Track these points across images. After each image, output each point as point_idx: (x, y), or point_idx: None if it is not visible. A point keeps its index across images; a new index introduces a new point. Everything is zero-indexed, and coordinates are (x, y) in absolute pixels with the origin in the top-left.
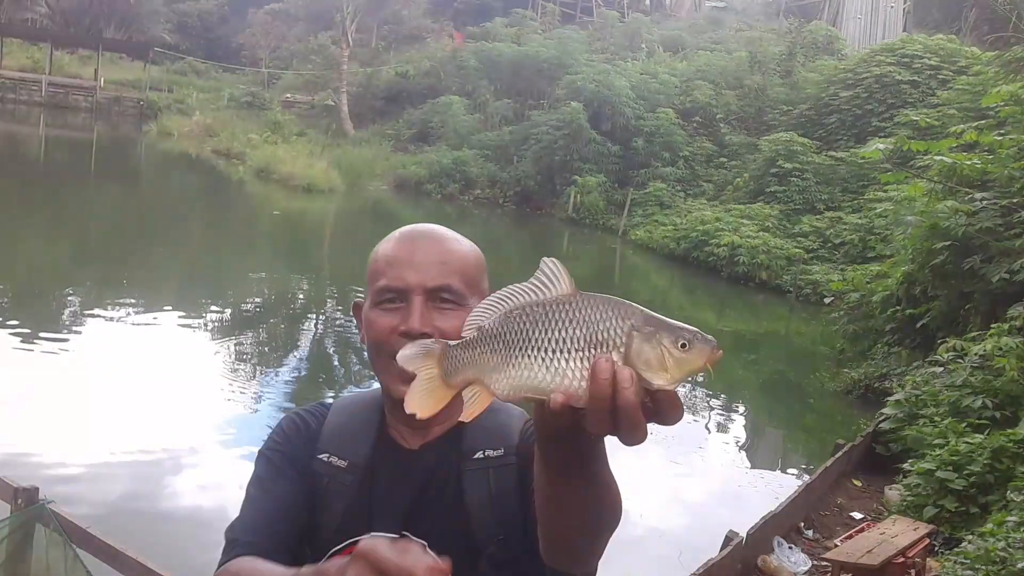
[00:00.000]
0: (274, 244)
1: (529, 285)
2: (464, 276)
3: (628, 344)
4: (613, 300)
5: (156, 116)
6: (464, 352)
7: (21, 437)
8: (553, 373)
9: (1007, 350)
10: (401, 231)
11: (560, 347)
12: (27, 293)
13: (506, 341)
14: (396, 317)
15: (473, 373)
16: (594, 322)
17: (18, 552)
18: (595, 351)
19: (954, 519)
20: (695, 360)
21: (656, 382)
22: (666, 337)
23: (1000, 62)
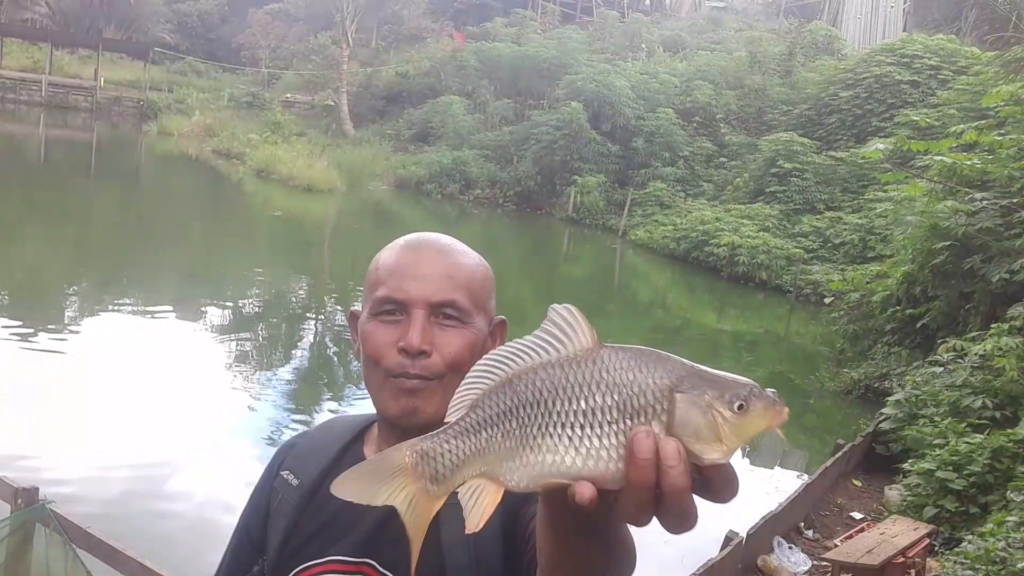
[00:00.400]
0: (274, 244)
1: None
2: (471, 292)
3: (671, 410)
4: (646, 352)
5: (156, 116)
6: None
7: (21, 437)
8: (583, 455)
9: (1007, 350)
10: (406, 239)
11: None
12: (27, 293)
13: (520, 418)
14: (395, 331)
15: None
16: (627, 384)
17: (18, 552)
18: (631, 422)
19: (954, 519)
20: (755, 423)
21: (708, 456)
22: (717, 397)
23: (1000, 62)
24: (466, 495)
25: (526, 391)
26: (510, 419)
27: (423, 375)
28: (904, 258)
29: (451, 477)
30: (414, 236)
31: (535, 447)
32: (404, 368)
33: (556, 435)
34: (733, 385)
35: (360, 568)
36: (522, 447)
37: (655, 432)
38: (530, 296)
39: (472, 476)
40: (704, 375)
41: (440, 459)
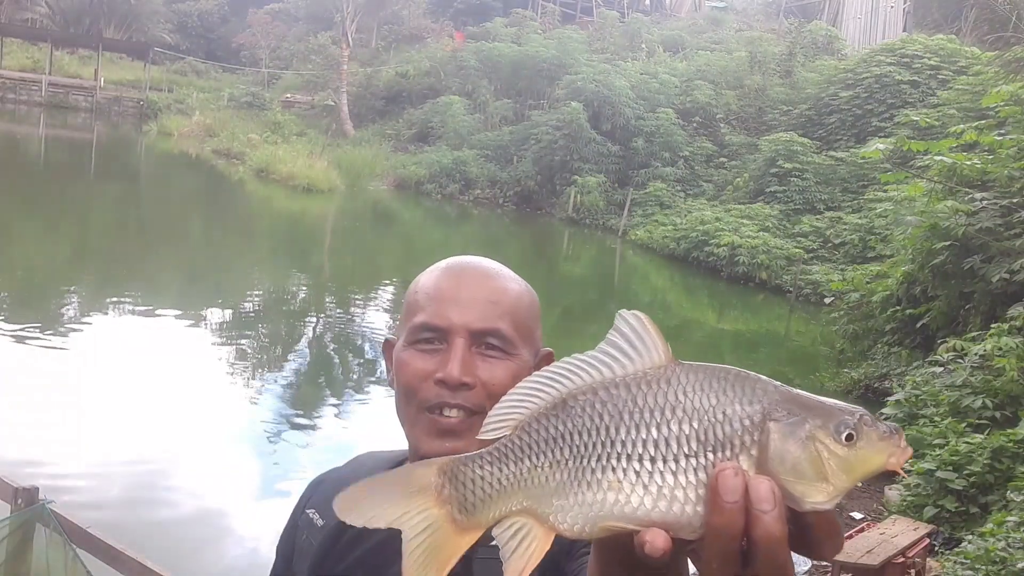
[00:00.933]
0: (274, 244)
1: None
2: (516, 321)
3: (763, 442)
4: (731, 373)
5: (156, 116)
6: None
7: (21, 437)
8: (654, 495)
9: (1007, 350)
10: (448, 262)
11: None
12: (27, 293)
13: (575, 446)
14: (433, 361)
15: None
16: (709, 409)
17: (18, 552)
18: (714, 456)
19: (954, 519)
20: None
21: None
22: (820, 426)
23: (1000, 62)
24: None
25: (584, 415)
26: (562, 447)
27: (463, 405)
28: (904, 258)
29: (483, 508)
30: (455, 259)
31: (593, 483)
32: (442, 400)
33: (620, 469)
34: (839, 412)
35: None
36: (577, 482)
37: (744, 469)
38: None
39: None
40: (803, 400)
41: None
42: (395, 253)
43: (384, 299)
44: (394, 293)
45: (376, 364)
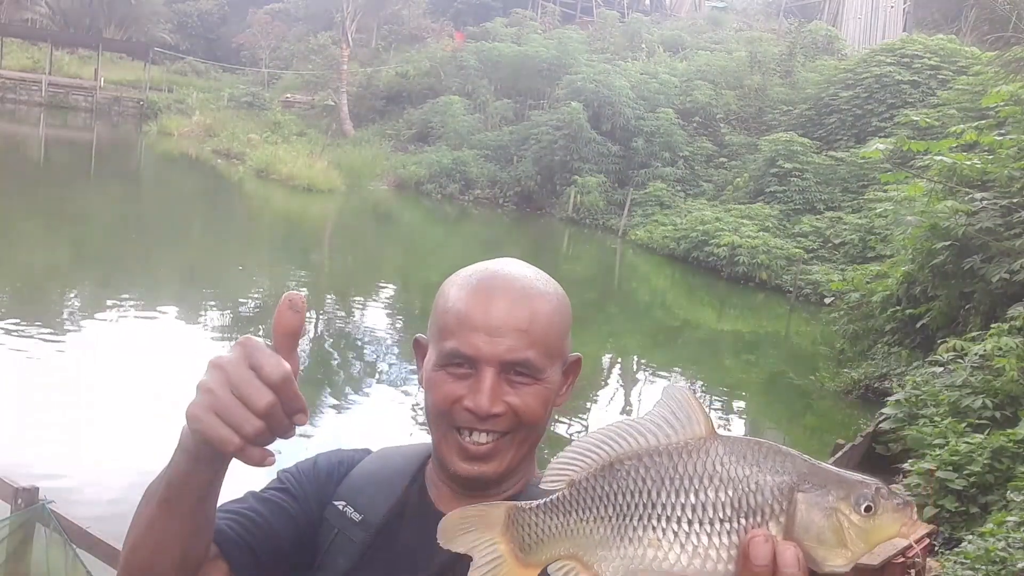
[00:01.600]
0: (274, 244)
1: (648, 423)
2: (546, 345)
3: (791, 511)
4: (765, 446)
5: (156, 116)
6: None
7: (21, 437)
8: (690, 554)
9: (1007, 350)
10: (479, 278)
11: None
12: (27, 293)
13: (619, 505)
14: (462, 386)
15: (567, 548)
16: (743, 479)
17: (18, 552)
18: (746, 521)
19: (954, 519)
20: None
21: (830, 563)
22: (843, 498)
23: (1000, 62)
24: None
25: (628, 477)
26: (607, 505)
27: (493, 429)
28: (904, 258)
29: (537, 550)
30: (486, 273)
31: (635, 539)
32: (472, 425)
33: (660, 529)
34: (859, 485)
35: None
36: (619, 537)
37: (773, 535)
38: None
39: (562, 556)
40: (827, 474)
41: (529, 528)
42: (395, 253)
43: (384, 299)
44: (394, 293)
45: (376, 364)
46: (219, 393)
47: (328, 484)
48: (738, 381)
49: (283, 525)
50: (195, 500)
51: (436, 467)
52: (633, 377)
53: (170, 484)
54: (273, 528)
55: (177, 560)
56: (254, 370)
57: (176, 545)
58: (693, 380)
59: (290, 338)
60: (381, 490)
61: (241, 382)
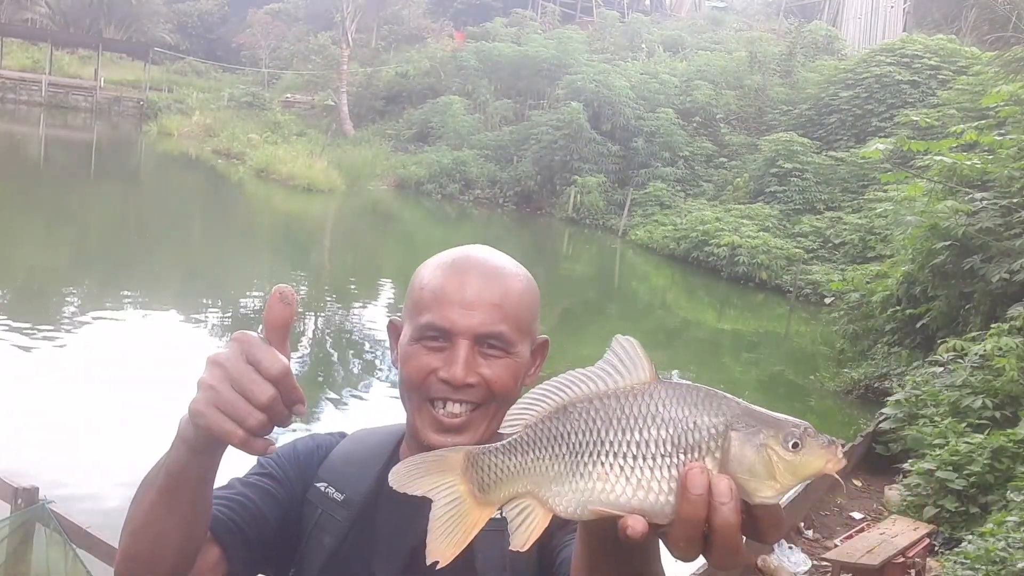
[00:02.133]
0: (274, 244)
1: (597, 371)
2: (517, 321)
3: (725, 447)
4: (703, 390)
5: (156, 116)
6: (511, 458)
7: (21, 437)
8: (634, 486)
9: (1007, 350)
10: (452, 257)
11: (642, 452)
12: (27, 293)
13: (571, 443)
14: (437, 359)
15: (524, 485)
16: (682, 419)
17: (18, 552)
18: (685, 456)
19: (954, 519)
20: (810, 463)
21: (761, 494)
22: (772, 436)
23: (1000, 62)
24: (513, 513)
25: (580, 418)
26: (561, 444)
27: (466, 400)
28: (904, 258)
29: (496, 489)
30: (460, 254)
31: (585, 474)
32: (446, 395)
33: (607, 464)
34: (787, 425)
35: None
36: (572, 473)
37: (708, 468)
38: None
39: (519, 493)
40: (758, 415)
41: (488, 469)
42: (395, 253)
43: (384, 298)
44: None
45: (376, 364)
46: (220, 389)
47: (309, 467)
48: (738, 381)
49: (270, 508)
50: (194, 488)
51: (410, 443)
52: None
53: (169, 473)
54: (261, 511)
55: (177, 545)
56: (252, 365)
57: (176, 531)
58: (693, 380)
59: (282, 330)
60: (360, 470)
61: (241, 377)
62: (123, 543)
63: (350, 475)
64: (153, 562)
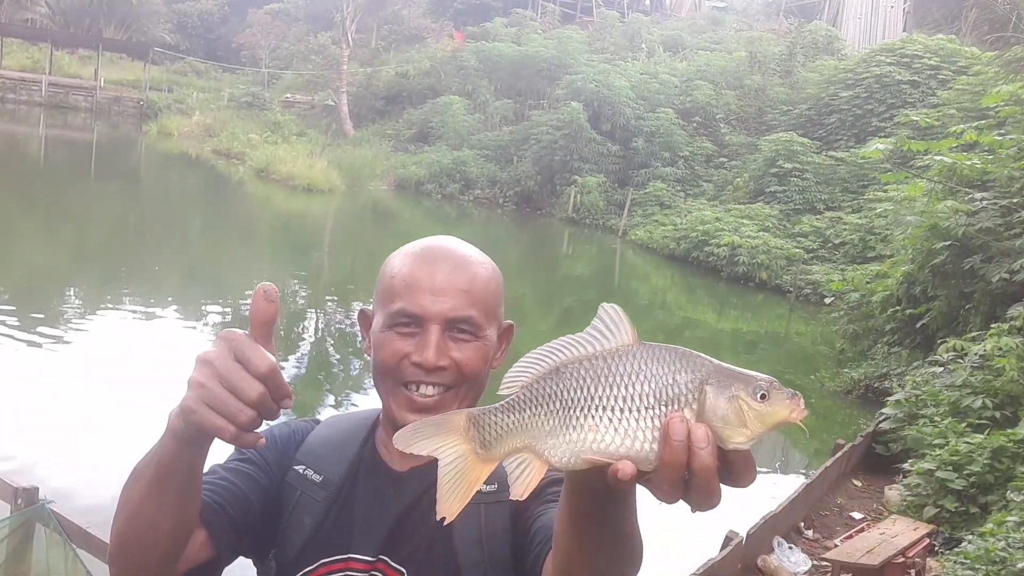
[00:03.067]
0: (274, 244)
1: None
2: (485, 306)
3: (701, 399)
4: (680, 350)
5: (156, 116)
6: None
7: (21, 437)
8: (622, 435)
9: (1007, 350)
10: (421, 247)
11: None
12: (27, 293)
13: (564, 400)
14: (410, 343)
15: (522, 440)
16: (662, 376)
17: (18, 552)
18: (666, 408)
19: (954, 519)
20: (777, 412)
21: (734, 440)
22: (742, 388)
23: (1000, 62)
24: (512, 466)
25: (571, 377)
26: (555, 401)
27: (438, 383)
28: (904, 258)
29: (497, 445)
30: (429, 244)
31: (577, 427)
32: (419, 379)
33: (597, 417)
34: (756, 379)
35: (375, 565)
36: (565, 427)
37: (687, 418)
38: (530, 296)
39: (517, 448)
40: (730, 371)
41: (488, 428)
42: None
43: None
44: None
45: None
46: (211, 387)
47: (287, 451)
48: None
49: (252, 491)
50: (184, 477)
51: (386, 425)
52: None
53: (160, 465)
54: (244, 494)
55: (169, 531)
56: (241, 363)
57: (168, 518)
58: None
59: (267, 326)
60: (336, 452)
61: (231, 375)
62: (116, 531)
63: (327, 457)
64: (146, 548)
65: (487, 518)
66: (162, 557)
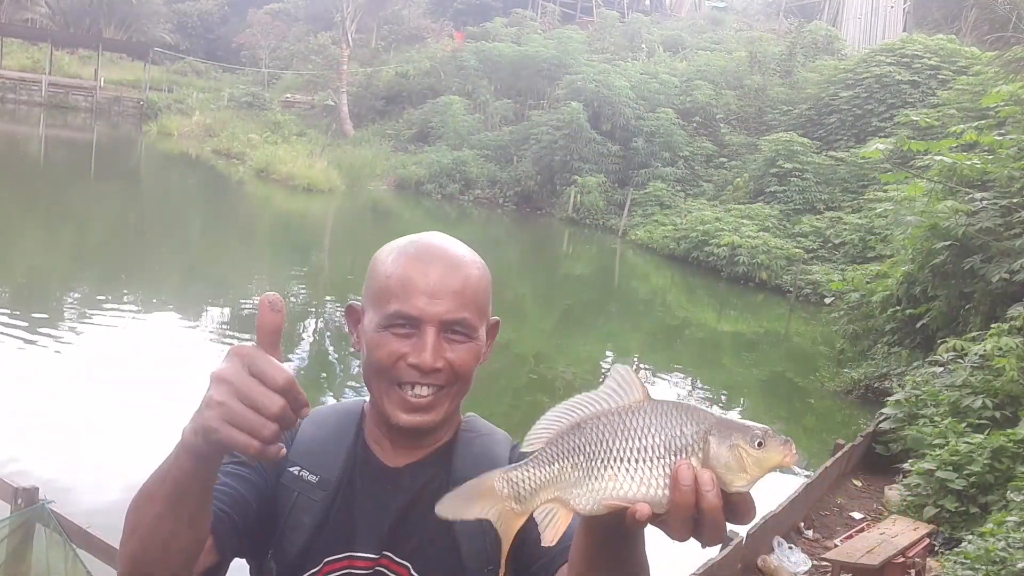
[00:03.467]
0: (274, 244)
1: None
2: (477, 307)
3: (706, 448)
4: (685, 406)
5: (156, 116)
6: (539, 471)
7: (22, 437)
8: (638, 483)
9: (1007, 350)
10: (415, 246)
11: (642, 456)
12: (27, 293)
13: (586, 454)
14: (405, 344)
15: (551, 492)
16: (671, 428)
17: (18, 552)
18: (675, 457)
19: (954, 519)
20: (772, 457)
21: (736, 484)
22: (741, 438)
23: (1000, 62)
24: (541, 515)
25: (592, 433)
26: (578, 455)
27: (435, 384)
28: (904, 258)
29: (530, 499)
30: (420, 243)
31: (599, 477)
32: (415, 380)
33: (616, 467)
34: (753, 429)
35: (379, 561)
36: (588, 477)
37: (694, 465)
38: (530, 296)
39: (547, 500)
40: (730, 423)
41: (522, 484)
42: None
43: None
44: None
45: None
46: (231, 404)
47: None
48: (738, 381)
49: (249, 493)
50: (200, 492)
51: (376, 422)
52: None
53: (177, 483)
54: (244, 497)
55: (186, 547)
56: (257, 377)
57: (185, 534)
58: (693, 380)
59: (274, 336)
60: (328, 451)
61: (250, 392)
62: (128, 552)
63: (321, 457)
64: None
65: None
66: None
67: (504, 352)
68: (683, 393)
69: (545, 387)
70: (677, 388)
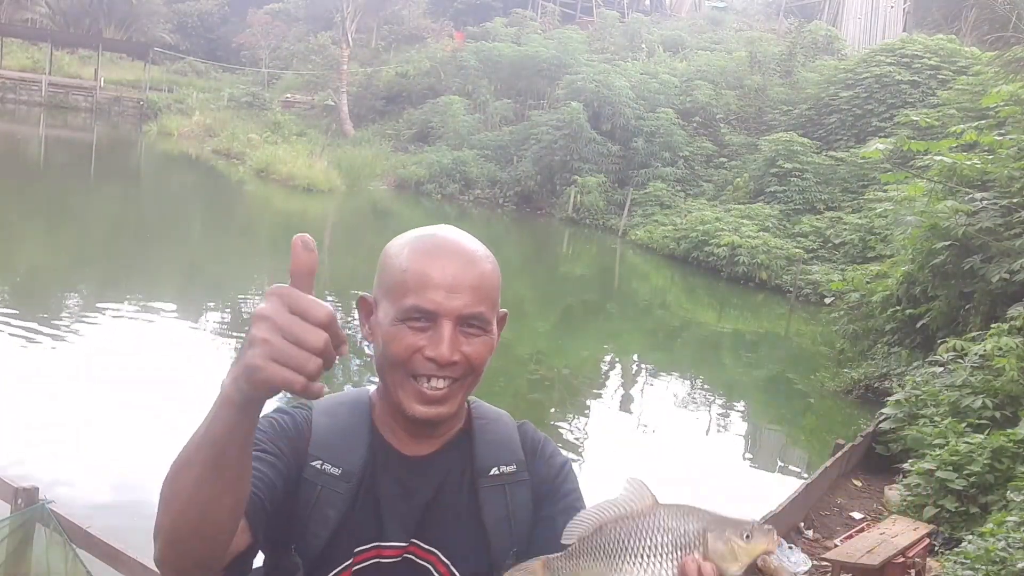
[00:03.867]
0: (274, 244)
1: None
2: (491, 301)
3: (705, 543)
4: (687, 508)
5: (156, 116)
6: (570, 562)
7: (21, 436)
8: (650, 574)
9: (1007, 350)
10: (430, 240)
11: (653, 552)
12: (28, 293)
13: (607, 550)
14: (422, 338)
15: None
16: (676, 528)
17: (18, 552)
18: (680, 552)
19: (954, 519)
20: (758, 547)
21: (731, 570)
22: (732, 532)
23: (1000, 62)
24: None
25: (612, 533)
26: (601, 550)
27: (451, 376)
28: (904, 258)
29: None
30: (435, 238)
31: (619, 570)
32: (431, 372)
33: (632, 561)
34: (742, 524)
35: (408, 549)
36: (610, 569)
37: (697, 558)
38: (530, 296)
39: None
40: (724, 520)
41: (560, 570)
42: None
43: None
44: None
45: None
46: (274, 341)
47: (299, 443)
48: (738, 381)
49: (277, 478)
50: (240, 449)
51: (389, 412)
52: (633, 377)
53: (215, 442)
54: (272, 481)
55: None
56: (298, 315)
57: (227, 497)
58: (693, 380)
59: (309, 276)
60: (347, 443)
61: (292, 327)
62: (165, 529)
63: (341, 449)
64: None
65: (512, 497)
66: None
67: (504, 352)
68: (683, 393)
69: (545, 387)
70: (677, 388)
